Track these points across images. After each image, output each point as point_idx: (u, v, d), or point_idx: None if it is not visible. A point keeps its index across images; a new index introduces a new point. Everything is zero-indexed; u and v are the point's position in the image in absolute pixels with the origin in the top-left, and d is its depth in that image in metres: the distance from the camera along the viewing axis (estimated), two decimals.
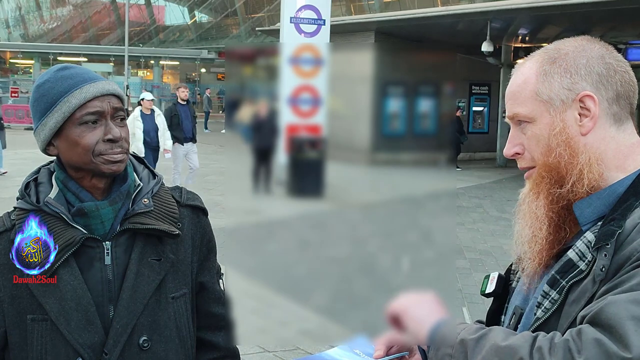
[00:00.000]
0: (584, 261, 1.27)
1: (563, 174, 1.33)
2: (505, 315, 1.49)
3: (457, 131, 18.10)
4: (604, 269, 1.21)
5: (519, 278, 1.48)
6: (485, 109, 23.09)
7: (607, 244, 1.22)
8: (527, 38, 20.45)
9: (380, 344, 1.46)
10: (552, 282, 1.30)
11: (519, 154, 1.41)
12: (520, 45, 20.96)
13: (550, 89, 1.34)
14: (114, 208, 1.67)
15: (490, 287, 1.52)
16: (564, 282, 1.28)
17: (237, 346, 1.90)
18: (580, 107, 1.32)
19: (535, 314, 1.32)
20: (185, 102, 11.98)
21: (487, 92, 23.02)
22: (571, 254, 1.30)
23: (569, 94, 1.33)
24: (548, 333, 1.21)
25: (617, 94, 1.33)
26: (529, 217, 1.38)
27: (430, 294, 1.40)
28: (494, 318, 1.52)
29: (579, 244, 1.29)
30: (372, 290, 1.96)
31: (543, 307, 1.30)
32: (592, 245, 1.25)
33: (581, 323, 1.18)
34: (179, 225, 1.72)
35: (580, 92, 1.32)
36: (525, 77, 1.38)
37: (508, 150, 1.42)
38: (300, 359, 1.40)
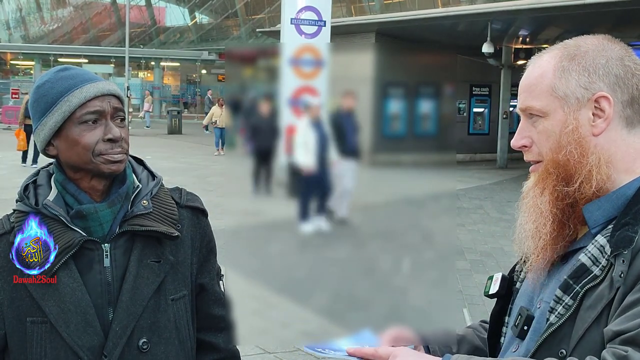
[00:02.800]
0: (597, 266, 1.25)
1: (571, 173, 1.32)
2: (509, 316, 1.47)
3: None
4: (622, 274, 1.19)
5: (523, 279, 1.47)
6: (486, 110, 23.07)
7: (625, 250, 1.21)
8: (527, 39, 20.43)
9: (385, 337, 1.44)
10: (565, 287, 1.28)
11: (526, 146, 1.39)
12: (520, 47, 20.95)
13: (567, 85, 1.33)
14: (112, 210, 1.66)
15: (494, 288, 1.50)
16: (578, 288, 1.26)
17: (238, 347, 1.90)
18: (595, 107, 1.31)
19: (548, 319, 1.29)
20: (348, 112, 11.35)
21: (487, 93, 23.01)
22: (583, 258, 1.28)
23: (585, 93, 1.32)
24: (562, 338, 1.20)
25: (632, 97, 1.32)
26: (533, 211, 1.37)
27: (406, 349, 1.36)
28: (497, 319, 1.50)
29: (591, 248, 1.28)
30: (373, 292, 1.95)
31: (557, 313, 1.28)
32: (610, 251, 1.23)
33: (612, 338, 1.15)
34: (178, 226, 1.72)
35: (596, 92, 1.31)
36: (543, 71, 1.36)
37: (516, 142, 1.40)
38: (309, 345, 1.39)
